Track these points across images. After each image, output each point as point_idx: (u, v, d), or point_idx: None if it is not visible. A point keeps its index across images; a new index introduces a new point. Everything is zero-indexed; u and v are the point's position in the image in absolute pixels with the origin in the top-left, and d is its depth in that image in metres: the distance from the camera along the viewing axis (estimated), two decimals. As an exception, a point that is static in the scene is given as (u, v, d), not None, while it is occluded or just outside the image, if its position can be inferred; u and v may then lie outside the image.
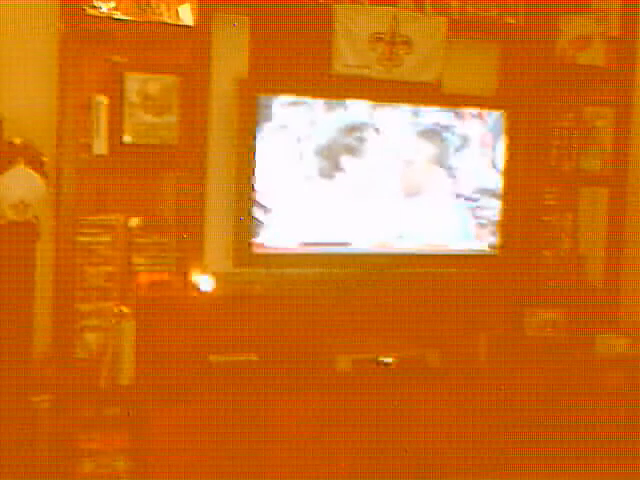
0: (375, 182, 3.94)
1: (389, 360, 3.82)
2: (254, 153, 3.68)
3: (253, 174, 3.69)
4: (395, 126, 3.93)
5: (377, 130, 3.90)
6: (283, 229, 3.80)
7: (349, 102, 3.86)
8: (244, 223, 3.71)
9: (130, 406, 3.39)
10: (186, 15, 3.54)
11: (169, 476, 3.41)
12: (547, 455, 4.01)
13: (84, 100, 3.41)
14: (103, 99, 3.42)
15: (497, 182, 4.14)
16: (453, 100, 4.07)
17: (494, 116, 4.11)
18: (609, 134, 4.37)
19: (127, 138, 3.46)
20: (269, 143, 3.71)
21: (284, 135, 3.75)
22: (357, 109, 3.87)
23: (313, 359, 3.74)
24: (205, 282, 3.58)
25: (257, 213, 3.72)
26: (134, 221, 3.57)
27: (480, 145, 4.10)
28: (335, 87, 3.88)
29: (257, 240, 3.74)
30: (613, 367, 4.24)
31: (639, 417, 4.16)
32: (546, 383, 4.01)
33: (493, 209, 4.14)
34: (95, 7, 3.39)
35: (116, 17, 3.42)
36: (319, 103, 3.80)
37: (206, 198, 3.66)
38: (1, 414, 3.09)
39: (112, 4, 3.42)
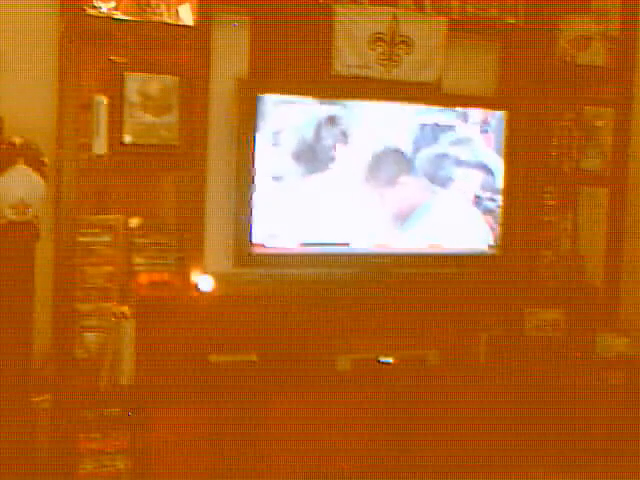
0: (374, 180, 3.94)
1: (389, 360, 3.82)
2: (254, 153, 3.68)
3: (253, 174, 3.69)
4: (395, 125, 3.93)
5: (376, 129, 3.91)
6: (283, 229, 3.80)
7: (349, 102, 3.86)
8: (244, 223, 3.71)
9: (130, 406, 3.39)
10: (186, 15, 3.54)
11: (169, 476, 3.42)
12: (547, 455, 4.02)
13: (84, 100, 3.40)
14: (103, 99, 3.42)
15: (497, 182, 4.14)
16: (453, 100, 4.07)
17: (494, 116, 4.11)
18: (609, 134, 4.37)
19: (127, 138, 3.46)
20: (269, 143, 3.72)
21: (283, 135, 3.75)
22: (356, 108, 3.87)
23: (313, 359, 3.74)
24: (205, 282, 3.58)
25: (257, 213, 3.72)
26: (134, 221, 3.57)
27: (479, 144, 4.10)
28: (335, 87, 3.88)
29: (257, 240, 3.74)
30: (613, 367, 4.24)
31: (639, 417, 4.16)
32: (546, 383, 4.01)
33: (493, 209, 4.14)
34: (95, 7, 3.39)
35: (116, 17, 3.42)
36: (318, 103, 3.80)
37: (206, 198, 3.66)
38: (1, 414, 3.09)
39: (112, 4, 3.42)
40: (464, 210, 4.11)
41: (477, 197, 4.12)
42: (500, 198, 4.14)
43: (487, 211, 4.13)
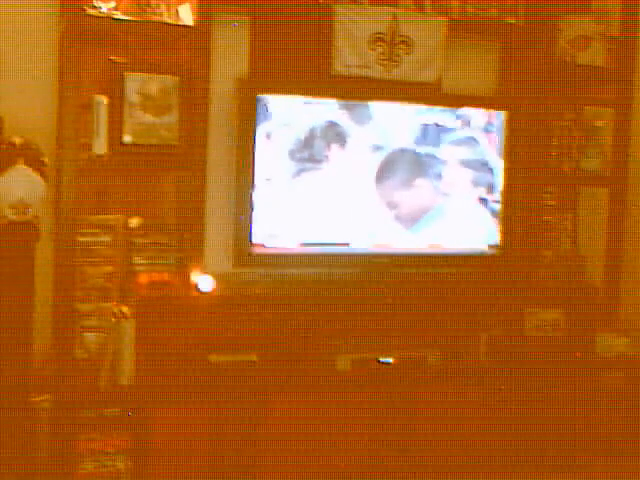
0: (374, 180, 3.94)
1: (389, 360, 3.82)
2: (254, 153, 3.68)
3: (253, 174, 3.69)
4: (395, 125, 3.93)
5: (377, 129, 3.91)
6: (283, 229, 3.80)
7: (349, 102, 3.86)
8: (244, 223, 3.71)
9: (130, 406, 3.39)
10: (186, 15, 3.54)
11: (169, 476, 3.42)
12: (547, 455, 4.02)
13: (84, 100, 3.40)
14: (103, 99, 3.42)
15: (497, 182, 4.14)
16: (453, 100, 4.07)
17: (494, 116, 4.11)
18: (609, 134, 4.37)
19: (127, 138, 3.46)
20: (269, 143, 3.71)
21: (283, 134, 3.75)
22: (356, 108, 3.87)
23: (313, 359, 3.74)
24: (205, 282, 3.58)
25: (257, 213, 3.72)
26: (134, 221, 3.57)
27: (479, 144, 4.10)
28: (335, 87, 3.88)
29: (257, 240, 3.74)
30: (613, 367, 4.24)
31: (639, 417, 4.16)
32: (546, 383, 4.01)
33: (493, 209, 4.14)
34: (95, 7, 3.39)
35: (116, 17, 3.42)
36: (318, 103, 3.80)
37: (206, 198, 3.65)
38: (1, 414, 3.09)
39: (112, 4, 3.42)
40: (471, 211, 4.11)
41: (482, 199, 4.11)
42: (500, 198, 4.13)
43: (495, 213, 4.14)
